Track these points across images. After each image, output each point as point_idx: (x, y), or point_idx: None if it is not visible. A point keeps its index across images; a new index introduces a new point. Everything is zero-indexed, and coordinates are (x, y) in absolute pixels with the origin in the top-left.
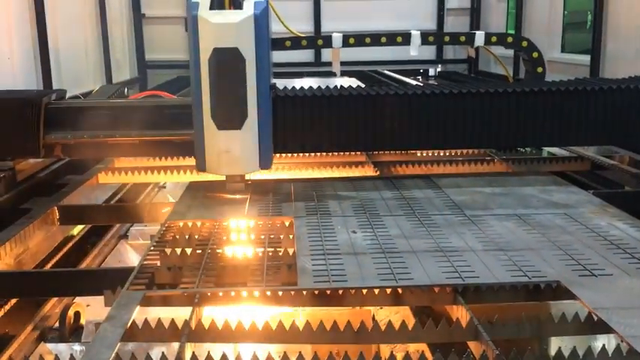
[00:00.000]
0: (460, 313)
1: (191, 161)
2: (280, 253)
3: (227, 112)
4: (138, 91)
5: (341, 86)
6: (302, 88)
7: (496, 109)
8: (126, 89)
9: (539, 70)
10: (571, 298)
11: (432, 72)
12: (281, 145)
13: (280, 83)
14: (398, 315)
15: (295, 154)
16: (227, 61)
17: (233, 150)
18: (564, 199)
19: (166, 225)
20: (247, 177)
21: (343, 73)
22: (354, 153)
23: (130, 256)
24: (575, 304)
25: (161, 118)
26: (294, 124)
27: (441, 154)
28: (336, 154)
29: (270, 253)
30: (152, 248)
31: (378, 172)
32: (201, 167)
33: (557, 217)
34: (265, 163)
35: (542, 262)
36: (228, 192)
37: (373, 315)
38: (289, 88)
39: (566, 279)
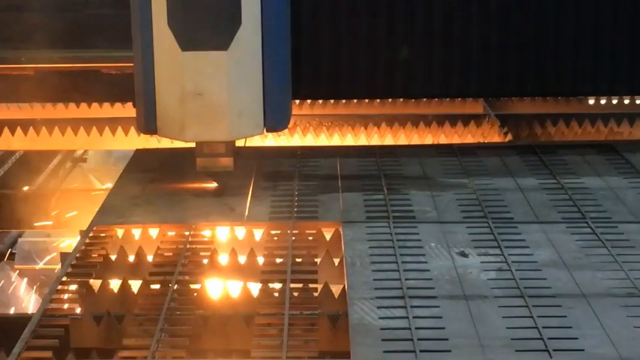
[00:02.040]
0: None
1: (133, 111)
2: (316, 294)
3: (200, 16)
4: None
5: None
6: None
7: None
8: None
9: None
10: None
11: None
12: (310, 86)
13: None
14: None
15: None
16: None
17: (211, 92)
18: None
19: (91, 234)
20: (240, 143)
21: None
22: (462, 99)
23: (19, 293)
24: None
25: (80, 23)
26: (337, 40)
27: (637, 102)
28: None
29: (296, 294)
30: (64, 279)
31: (509, 137)
32: (148, 126)
33: None
34: (277, 120)
35: None
36: (202, 174)
37: None
38: None
39: None
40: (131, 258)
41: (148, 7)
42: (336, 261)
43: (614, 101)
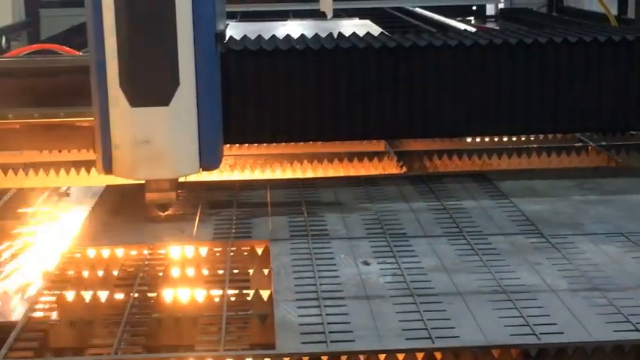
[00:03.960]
0: None
1: None
2: (249, 298)
3: (146, 78)
4: (25, 45)
5: (341, 35)
6: (274, 37)
7: (594, 67)
8: (3, 39)
9: None
10: None
11: (490, 10)
12: (237, 132)
13: (243, 29)
14: None
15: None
16: None
17: (156, 139)
18: None
19: (67, 254)
20: (185, 179)
21: (352, 13)
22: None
23: (5, 303)
24: None
25: (57, 87)
26: (260, 97)
27: (504, 139)
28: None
29: (233, 298)
30: (45, 291)
31: (404, 169)
32: (105, 167)
33: None
34: (210, 160)
35: None
36: (150, 206)
37: None
38: (255, 37)
39: None
40: (100, 273)
41: (103, 73)
42: (266, 271)
43: (486, 139)
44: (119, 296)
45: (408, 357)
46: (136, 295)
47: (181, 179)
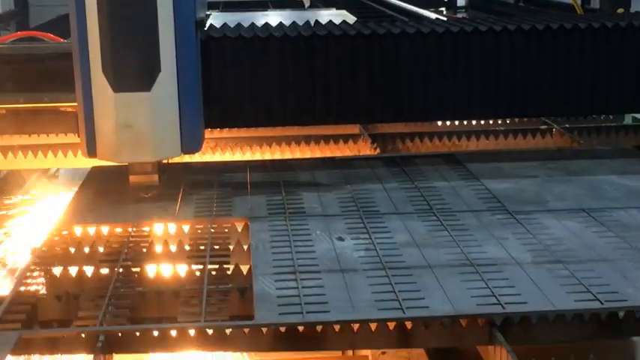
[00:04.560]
0: (498, 357)
1: None
2: (229, 272)
3: (128, 64)
4: (13, 32)
5: (318, 22)
6: (253, 25)
7: (561, 54)
8: None
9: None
10: None
11: (461, 1)
12: (218, 117)
13: (224, 18)
14: None
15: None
16: None
17: (138, 124)
18: None
19: (55, 232)
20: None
21: (329, 3)
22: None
23: None
24: None
25: (43, 73)
26: (240, 82)
27: (473, 122)
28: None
29: (214, 273)
30: (33, 267)
31: (377, 150)
32: (89, 151)
33: None
34: (191, 144)
35: (620, 279)
36: (133, 188)
37: None
38: (235, 25)
39: None
40: (86, 250)
41: (86, 59)
42: (245, 247)
43: (456, 122)
44: (104, 271)
45: (380, 326)
46: (121, 270)
47: (165, 162)
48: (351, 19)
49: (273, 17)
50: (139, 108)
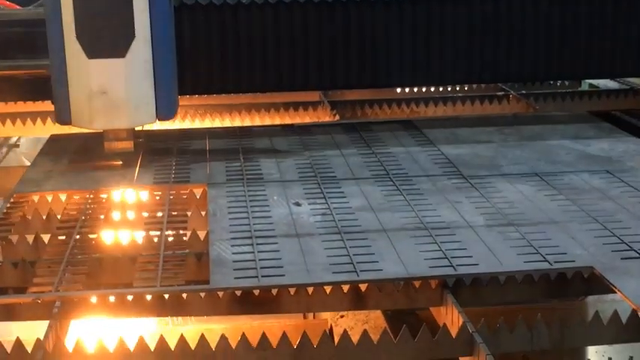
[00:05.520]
0: (450, 318)
1: (51, 106)
2: (185, 238)
3: (102, 30)
4: None
5: None
6: None
7: (517, 20)
8: None
9: None
10: (609, 291)
11: None
12: (189, 84)
13: None
14: (367, 326)
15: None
16: None
17: (113, 90)
18: (606, 151)
19: (12, 199)
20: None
21: None
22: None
23: None
24: (615, 299)
25: (1, 41)
26: (210, 50)
27: (431, 89)
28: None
29: (171, 239)
30: None
31: (337, 117)
32: (63, 118)
33: (595, 176)
34: (166, 111)
35: (569, 240)
36: (109, 155)
37: (330, 327)
38: None
39: (604, 264)
40: (44, 217)
41: (59, 25)
42: (203, 213)
43: (414, 89)
44: (61, 238)
45: (335, 289)
46: (78, 237)
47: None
48: None
49: None
50: (114, 74)
